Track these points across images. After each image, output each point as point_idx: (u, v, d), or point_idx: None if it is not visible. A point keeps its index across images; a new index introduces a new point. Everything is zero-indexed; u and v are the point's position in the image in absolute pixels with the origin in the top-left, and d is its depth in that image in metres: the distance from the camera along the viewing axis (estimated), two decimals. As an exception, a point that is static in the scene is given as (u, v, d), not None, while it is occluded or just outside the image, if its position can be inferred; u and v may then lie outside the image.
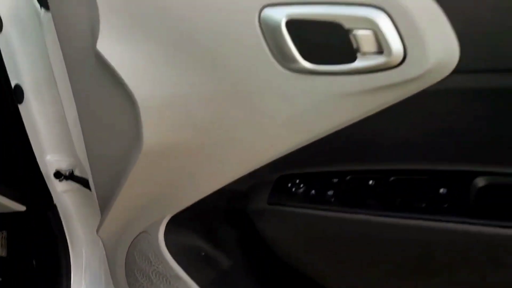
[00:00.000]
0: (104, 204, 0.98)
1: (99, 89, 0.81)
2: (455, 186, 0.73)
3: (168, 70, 0.74)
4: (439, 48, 0.60)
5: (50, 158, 1.19)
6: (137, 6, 0.73)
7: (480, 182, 0.72)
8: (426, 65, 0.60)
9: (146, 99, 0.76)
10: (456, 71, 0.61)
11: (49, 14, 0.87)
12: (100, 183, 0.96)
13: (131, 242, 0.99)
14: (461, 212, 0.71)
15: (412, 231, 0.74)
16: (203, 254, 0.99)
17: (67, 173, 1.20)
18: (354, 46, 0.62)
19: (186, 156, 0.81)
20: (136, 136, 0.79)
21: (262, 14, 0.66)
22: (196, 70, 0.73)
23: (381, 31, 0.60)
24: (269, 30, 0.66)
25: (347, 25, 0.62)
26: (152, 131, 0.78)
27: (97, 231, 1.03)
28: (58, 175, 1.20)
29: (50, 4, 0.83)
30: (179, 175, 0.84)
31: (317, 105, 0.68)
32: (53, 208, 1.24)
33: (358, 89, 0.65)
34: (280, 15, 0.65)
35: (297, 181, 0.83)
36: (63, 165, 1.20)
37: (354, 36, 0.62)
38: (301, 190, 0.82)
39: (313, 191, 0.81)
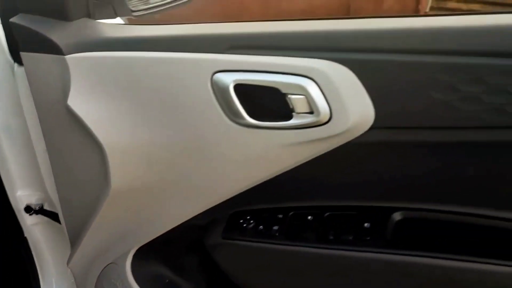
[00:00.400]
0: (74, 238, 1.06)
1: (69, 138, 0.91)
2: (376, 220, 0.87)
3: (132, 122, 0.85)
4: (358, 110, 0.74)
5: (20, 193, 1.26)
6: (104, 68, 0.84)
7: (397, 216, 0.86)
8: (347, 123, 0.74)
9: (113, 148, 0.86)
10: (373, 127, 0.75)
11: (22, 69, 0.96)
12: (70, 219, 1.04)
13: (100, 273, 1.08)
14: (381, 243, 0.84)
15: (342, 261, 0.87)
16: (167, 281, 1.09)
17: (37, 208, 1.26)
18: (290, 106, 0.75)
19: (150, 196, 0.91)
20: (104, 180, 0.89)
21: (214, 78, 0.78)
22: (158, 124, 0.84)
23: (311, 96, 0.73)
24: (220, 92, 0.78)
25: (283, 90, 0.75)
26: (119, 175, 0.88)
27: (68, 263, 1.11)
28: (28, 209, 1.26)
29: (23, 61, 0.92)
30: (145, 212, 0.94)
31: (261, 154, 0.80)
32: (24, 241, 1.30)
33: (295, 142, 0.77)
34: (228, 80, 0.77)
35: (248, 217, 0.95)
36: (33, 199, 1.26)
37: (290, 99, 0.75)
38: (251, 225, 0.94)
39: (261, 227, 0.93)
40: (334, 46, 0.74)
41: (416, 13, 4.79)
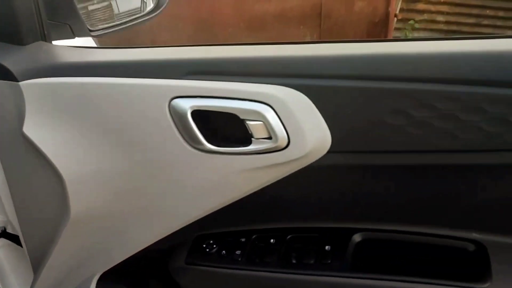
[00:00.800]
0: (37, 264, 1.04)
1: (27, 166, 0.89)
2: (337, 243, 0.88)
3: (91, 149, 0.83)
4: (315, 135, 0.74)
5: (-18, 217, 1.22)
6: (60, 94, 0.82)
7: (357, 238, 0.87)
8: (305, 148, 0.74)
9: (71, 175, 0.84)
10: (330, 151, 0.76)
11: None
12: (32, 246, 1.02)
13: (65, 297, 1.06)
14: (342, 266, 0.85)
15: (304, 286, 0.87)
16: None
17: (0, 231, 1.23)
18: (249, 132, 0.75)
19: (111, 222, 0.89)
20: (63, 207, 0.87)
21: (172, 104, 0.77)
22: (117, 150, 0.83)
23: (268, 122, 0.73)
24: (178, 118, 0.77)
25: (242, 116, 0.75)
26: (78, 202, 0.86)
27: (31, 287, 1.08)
28: (-10, 232, 1.23)
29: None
30: (106, 238, 0.92)
31: (222, 179, 0.80)
32: (-13, 264, 1.26)
33: (254, 167, 0.77)
34: (186, 105, 0.76)
35: (211, 241, 0.95)
36: (-5, 223, 1.23)
37: (248, 125, 0.75)
38: (214, 250, 0.94)
39: (224, 251, 0.93)
40: (290, 72, 0.75)
41: (370, 37, 4.86)
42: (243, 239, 0.93)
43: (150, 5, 1.28)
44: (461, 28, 5.31)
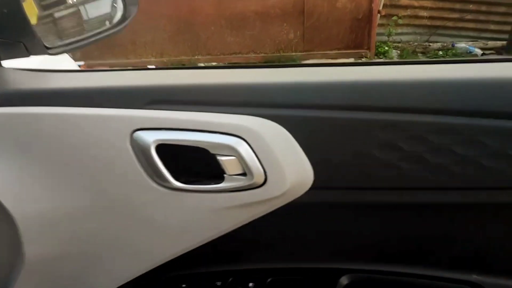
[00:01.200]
0: None
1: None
2: (323, 286, 0.80)
3: (46, 187, 0.74)
4: (295, 170, 0.66)
5: None
6: (9, 126, 0.72)
7: (344, 280, 0.79)
8: (285, 185, 0.66)
9: (24, 216, 0.75)
10: (313, 188, 0.68)
11: None
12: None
13: None
14: None
15: None
16: None
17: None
18: (221, 168, 0.67)
19: (71, 266, 0.80)
20: (16, 251, 0.78)
21: (134, 137, 0.68)
22: (76, 187, 0.73)
23: (242, 157, 0.65)
24: (140, 152, 0.68)
25: (212, 151, 0.66)
26: (34, 247, 0.77)
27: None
28: None
29: None
30: (67, 282, 0.83)
31: (193, 218, 0.71)
32: None
33: (228, 205, 0.69)
34: (149, 139, 0.67)
35: (184, 285, 0.86)
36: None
37: (220, 161, 0.66)
38: None
39: None
40: (265, 101, 0.66)
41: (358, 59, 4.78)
42: (218, 283, 0.84)
43: (118, 16, 1.18)
44: (445, 23, 5.29)
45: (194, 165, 0.69)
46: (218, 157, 0.66)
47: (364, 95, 0.63)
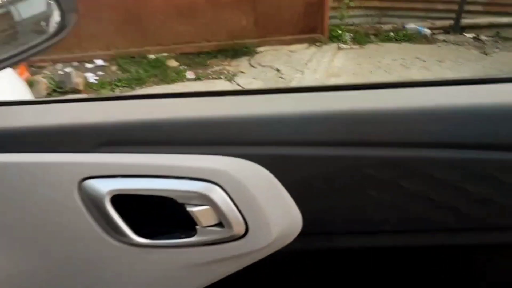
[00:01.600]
0: None
1: None
2: None
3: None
4: (281, 217, 0.57)
5: None
6: None
7: None
8: (270, 236, 0.56)
9: None
10: (302, 234, 0.59)
11: None
12: None
13: None
14: None
15: None
16: None
17: None
18: (193, 219, 0.56)
19: None
20: None
21: (83, 187, 0.56)
22: (20, 246, 0.61)
23: (217, 206, 0.55)
24: (93, 205, 0.57)
25: (180, 200, 0.55)
26: None
27: None
28: None
29: None
30: None
31: (161, 276, 0.61)
32: None
33: (203, 261, 0.59)
34: (102, 189, 0.56)
35: None
36: None
37: (190, 211, 0.55)
38: None
39: None
40: (242, 138, 0.56)
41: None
42: None
43: (54, 25, 1.03)
44: (394, 5, 5.31)
45: (158, 217, 0.58)
46: (188, 208, 0.55)
47: (357, 127, 0.54)
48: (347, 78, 3.98)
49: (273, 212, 0.56)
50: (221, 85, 3.95)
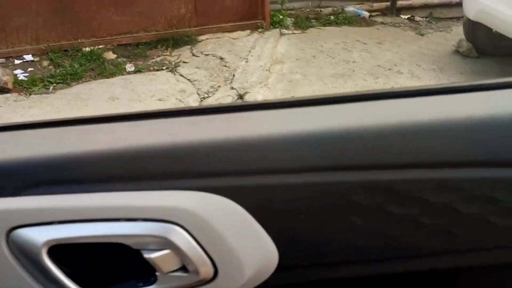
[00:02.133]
0: None
1: None
2: None
3: None
4: (255, 255, 0.50)
5: None
6: None
7: None
8: (243, 277, 0.49)
9: None
10: (278, 269, 0.52)
11: None
12: None
13: None
14: None
15: None
16: None
17: None
18: (152, 266, 0.48)
19: None
20: None
21: (12, 238, 0.47)
22: None
23: (179, 249, 0.47)
24: (25, 258, 0.47)
25: (135, 246, 0.47)
26: None
27: None
28: None
29: None
30: None
31: None
32: None
33: None
34: (37, 240, 0.47)
35: None
36: None
37: (148, 258, 0.47)
38: None
39: None
40: (205, 169, 0.49)
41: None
42: None
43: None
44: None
45: (109, 266, 0.49)
46: (145, 254, 0.47)
47: (335, 149, 0.48)
48: (292, 64, 3.96)
49: (245, 250, 0.49)
50: (164, 76, 3.80)
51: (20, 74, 3.80)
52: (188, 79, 3.72)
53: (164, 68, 3.93)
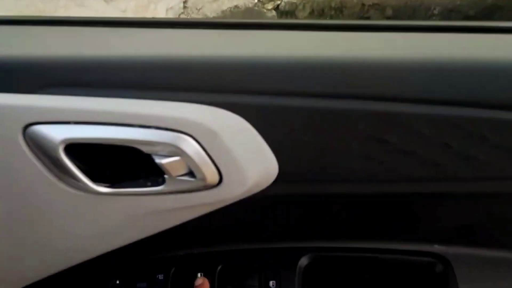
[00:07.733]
0: None
1: None
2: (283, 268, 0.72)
3: None
4: (256, 167, 0.53)
5: None
6: None
7: (305, 260, 0.73)
8: (245, 186, 0.54)
9: None
10: (276, 181, 0.56)
11: None
12: None
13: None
14: None
15: None
16: None
17: None
18: (161, 170, 0.52)
19: None
20: None
21: (28, 134, 0.49)
22: None
23: (189, 157, 0.50)
24: (42, 154, 0.50)
25: (146, 150, 0.50)
26: None
27: None
28: None
29: None
30: None
31: (126, 220, 0.57)
32: None
33: (172, 207, 0.56)
34: (55, 137, 0.49)
35: (117, 282, 0.74)
36: None
37: (159, 162, 0.51)
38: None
39: None
40: (218, 85, 0.50)
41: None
42: (160, 276, 0.73)
43: None
44: None
45: (121, 166, 0.53)
46: (157, 159, 0.50)
47: (345, 78, 0.49)
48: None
49: (249, 162, 0.52)
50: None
51: None
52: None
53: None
